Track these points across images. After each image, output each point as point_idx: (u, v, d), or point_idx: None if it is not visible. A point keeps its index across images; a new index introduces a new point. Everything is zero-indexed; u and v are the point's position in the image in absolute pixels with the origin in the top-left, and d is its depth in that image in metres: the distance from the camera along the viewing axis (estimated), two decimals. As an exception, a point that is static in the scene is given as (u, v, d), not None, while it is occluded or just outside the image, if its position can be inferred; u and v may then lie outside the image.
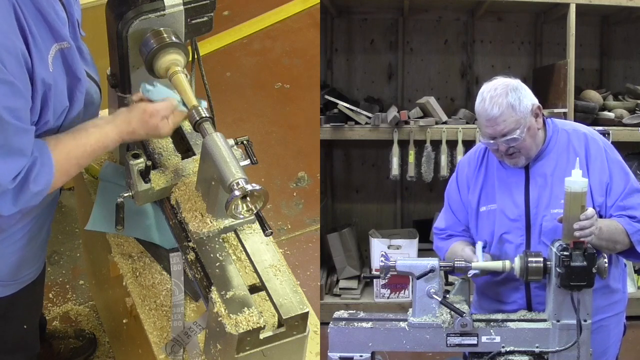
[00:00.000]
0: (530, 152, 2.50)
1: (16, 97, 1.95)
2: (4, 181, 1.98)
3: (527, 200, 2.52)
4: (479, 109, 2.47)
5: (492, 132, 2.45)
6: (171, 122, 2.21)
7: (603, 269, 2.31)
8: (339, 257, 4.37)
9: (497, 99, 2.43)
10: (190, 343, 2.33)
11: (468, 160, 2.68)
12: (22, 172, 2.01)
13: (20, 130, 1.97)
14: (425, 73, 4.77)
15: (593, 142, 2.53)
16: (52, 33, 2.06)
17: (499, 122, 2.42)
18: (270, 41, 4.89)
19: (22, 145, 1.99)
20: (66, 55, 2.12)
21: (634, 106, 4.27)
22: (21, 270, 2.48)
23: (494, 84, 2.48)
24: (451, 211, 2.68)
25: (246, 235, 2.22)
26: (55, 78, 2.08)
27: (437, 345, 2.40)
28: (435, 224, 2.76)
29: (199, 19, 2.30)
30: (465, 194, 2.64)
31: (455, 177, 2.69)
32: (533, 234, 2.50)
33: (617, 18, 4.59)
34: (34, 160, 2.03)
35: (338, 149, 4.74)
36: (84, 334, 3.41)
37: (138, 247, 2.58)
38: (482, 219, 2.59)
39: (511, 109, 2.42)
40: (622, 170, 2.53)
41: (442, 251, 2.69)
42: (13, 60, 1.92)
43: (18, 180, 2.01)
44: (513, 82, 2.48)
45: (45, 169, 2.05)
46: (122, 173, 2.47)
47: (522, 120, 2.43)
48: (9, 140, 1.95)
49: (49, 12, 2.03)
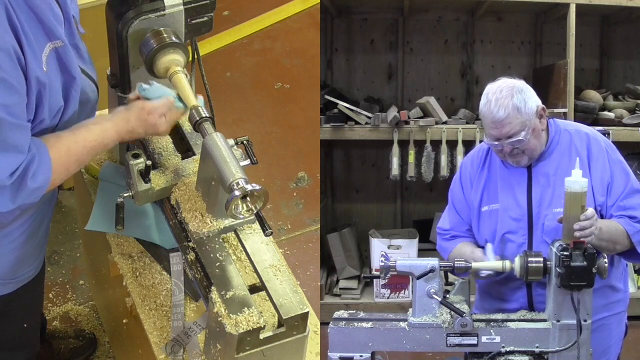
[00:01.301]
0: (534, 153, 2.50)
1: (9, 93, 1.94)
2: (1, 177, 1.98)
3: (529, 199, 2.52)
4: (484, 111, 2.46)
5: (497, 134, 2.44)
6: (168, 119, 2.21)
7: (603, 269, 2.31)
8: (339, 257, 4.37)
9: (502, 101, 2.41)
10: (190, 343, 2.33)
11: (471, 160, 2.68)
12: (20, 168, 2.00)
13: (15, 126, 1.97)
14: (425, 73, 4.77)
15: (595, 142, 2.54)
16: (45, 32, 2.06)
17: (505, 125, 2.42)
18: (270, 41, 4.89)
19: (17, 142, 1.99)
20: (60, 54, 2.12)
21: (634, 106, 4.27)
22: (20, 268, 2.48)
23: (498, 86, 2.47)
24: (455, 210, 2.68)
25: (246, 235, 2.22)
26: (50, 77, 2.08)
27: (437, 345, 2.40)
28: (439, 224, 2.75)
29: (199, 19, 2.30)
30: (468, 192, 2.64)
31: (459, 177, 2.69)
32: (535, 233, 2.50)
33: (617, 18, 4.59)
34: (32, 157, 2.02)
35: (338, 149, 4.74)
36: (84, 334, 3.41)
37: (138, 247, 2.58)
38: (484, 219, 2.59)
39: (517, 111, 2.41)
40: (623, 171, 2.53)
41: (445, 251, 2.69)
42: (5, 56, 1.92)
43: (15, 176, 2.00)
44: (518, 84, 2.47)
45: (43, 166, 2.05)
46: (122, 173, 2.47)
47: (527, 122, 2.42)
48: (4, 136, 1.95)
49: (42, 11, 2.03)
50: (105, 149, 2.26)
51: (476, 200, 2.61)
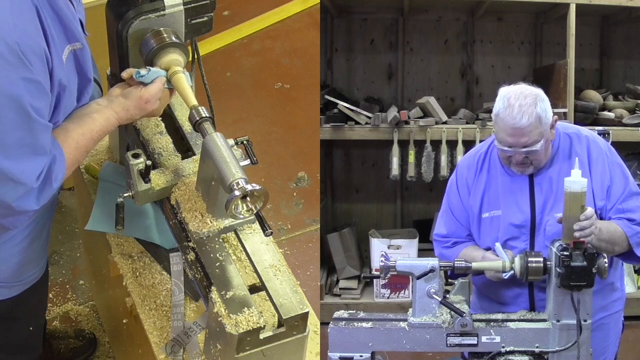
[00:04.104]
0: (541, 163, 2.47)
1: (41, 96, 1.96)
2: (30, 180, 1.99)
3: (532, 205, 2.50)
4: (504, 116, 2.35)
5: (514, 142, 2.37)
6: (162, 102, 2.24)
7: (603, 269, 2.31)
8: (339, 257, 4.37)
9: (526, 109, 2.33)
10: (190, 343, 2.33)
11: (467, 164, 2.63)
12: (44, 170, 2.02)
13: (44, 128, 1.99)
14: (425, 73, 4.77)
15: (595, 146, 2.52)
16: (66, 34, 2.07)
17: (525, 133, 2.33)
18: (270, 41, 4.89)
19: (45, 144, 2.01)
20: (78, 56, 2.14)
21: (634, 106, 4.27)
22: (24, 271, 2.48)
23: (520, 91, 2.38)
24: (454, 217, 2.64)
25: (246, 235, 2.22)
26: (69, 79, 2.10)
27: (437, 345, 2.40)
28: (435, 230, 2.71)
29: (199, 19, 2.30)
30: (466, 198, 2.60)
31: (455, 181, 2.64)
32: (537, 238, 2.49)
33: (617, 18, 4.59)
34: (53, 158, 2.04)
35: (338, 149, 4.74)
36: (84, 334, 3.41)
37: (138, 247, 2.58)
38: (485, 225, 2.56)
39: (538, 121, 2.34)
40: (622, 174, 2.53)
41: (450, 259, 2.57)
42: (38, 60, 1.94)
43: (42, 178, 2.02)
44: (540, 92, 2.39)
45: (61, 164, 2.07)
46: (122, 173, 2.47)
47: (544, 133, 2.37)
48: (35, 138, 1.97)
49: (64, 13, 2.04)
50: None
51: (476, 206, 2.57)
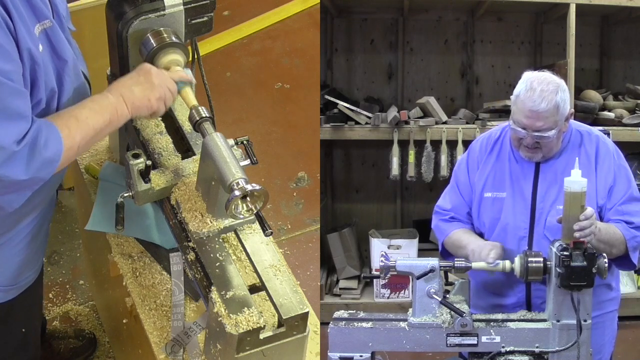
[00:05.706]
0: (550, 152, 2.50)
1: (6, 60, 1.93)
2: (6, 143, 1.93)
3: (534, 193, 2.53)
4: (524, 98, 2.42)
5: (529, 124, 2.42)
6: (167, 103, 2.24)
7: (603, 269, 2.31)
8: (339, 257, 4.37)
9: (547, 94, 2.39)
10: (190, 343, 2.33)
11: (480, 143, 2.68)
12: (28, 136, 1.97)
13: (16, 92, 1.95)
14: (425, 73, 4.77)
15: (603, 146, 2.56)
16: (34, 12, 2.05)
17: (541, 118, 2.39)
18: (270, 41, 4.89)
19: (20, 109, 1.96)
20: (49, 34, 2.11)
21: (634, 106, 4.27)
22: (22, 273, 2.48)
23: (544, 77, 2.45)
24: (458, 191, 2.68)
25: (246, 235, 2.22)
26: (43, 58, 2.07)
27: (437, 345, 2.40)
28: (439, 202, 2.74)
29: (199, 19, 2.30)
30: (473, 174, 2.64)
31: (466, 158, 2.69)
32: (537, 227, 2.51)
33: (617, 18, 4.59)
34: (39, 126, 1.99)
35: (338, 149, 4.74)
36: (84, 334, 3.41)
37: (138, 247, 2.58)
38: (485, 205, 2.59)
39: (556, 109, 2.40)
40: (627, 177, 2.55)
41: (442, 233, 2.68)
42: None
43: (25, 144, 1.96)
44: (562, 83, 2.45)
45: (53, 134, 2.02)
46: (122, 173, 2.47)
47: (559, 122, 2.42)
48: (5, 101, 1.92)
49: None
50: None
51: (479, 184, 2.61)
